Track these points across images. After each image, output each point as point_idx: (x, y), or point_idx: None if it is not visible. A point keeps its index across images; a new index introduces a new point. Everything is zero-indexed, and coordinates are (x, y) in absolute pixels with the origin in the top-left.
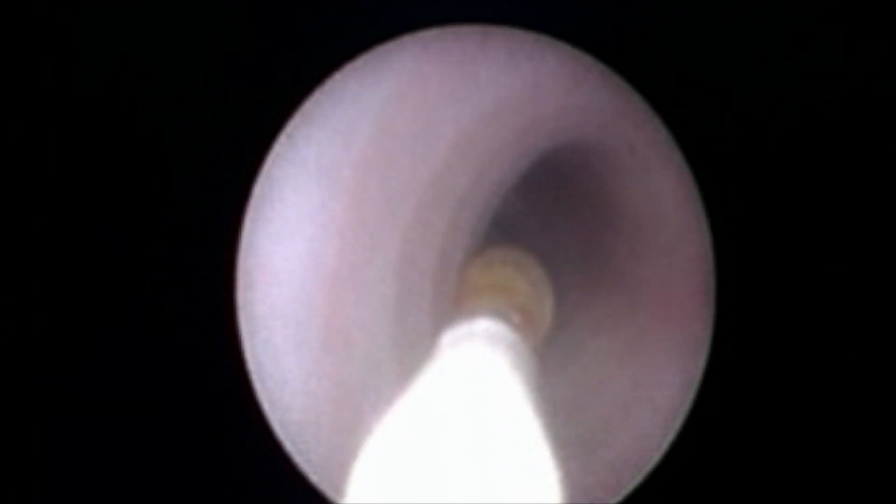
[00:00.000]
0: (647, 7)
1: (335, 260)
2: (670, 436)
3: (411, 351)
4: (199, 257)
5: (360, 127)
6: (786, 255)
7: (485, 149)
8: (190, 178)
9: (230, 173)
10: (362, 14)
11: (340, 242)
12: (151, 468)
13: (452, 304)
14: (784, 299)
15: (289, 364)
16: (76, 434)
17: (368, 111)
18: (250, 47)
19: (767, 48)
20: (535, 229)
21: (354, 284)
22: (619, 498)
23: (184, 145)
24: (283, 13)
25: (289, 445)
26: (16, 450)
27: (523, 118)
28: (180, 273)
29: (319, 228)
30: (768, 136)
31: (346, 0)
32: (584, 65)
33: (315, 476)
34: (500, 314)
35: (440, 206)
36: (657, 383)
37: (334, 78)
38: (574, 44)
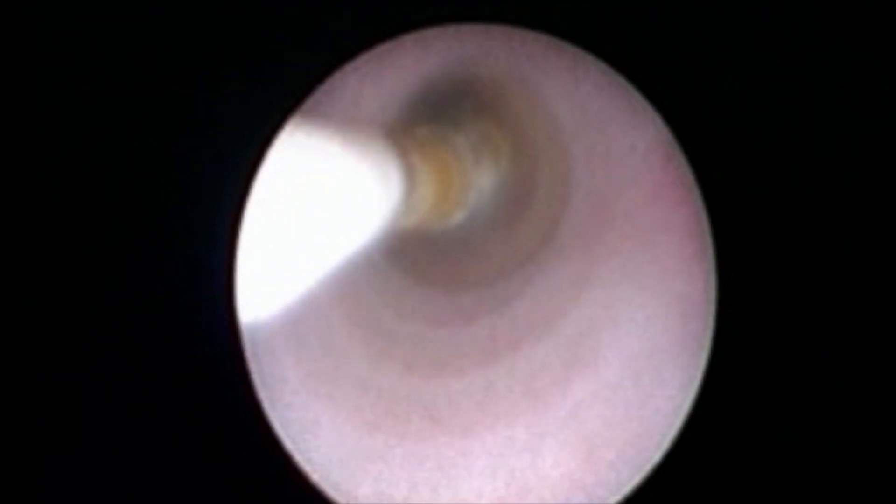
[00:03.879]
0: (648, 6)
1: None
2: (671, 434)
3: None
4: (199, 257)
5: (359, 126)
6: (785, 252)
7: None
8: (190, 177)
9: (230, 173)
10: (362, 14)
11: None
12: (152, 467)
13: None
14: (785, 297)
15: (289, 364)
16: (76, 433)
17: (368, 111)
18: (251, 47)
19: (768, 46)
20: None
21: (353, 283)
22: (620, 497)
23: (184, 145)
24: (284, 13)
25: (289, 445)
26: (16, 450)
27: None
28: (180, 273)
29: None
30: (768, 134)
31: (345, 0)
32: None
33: (315, 476)
34: None
35: None
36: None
37: (334, 78)
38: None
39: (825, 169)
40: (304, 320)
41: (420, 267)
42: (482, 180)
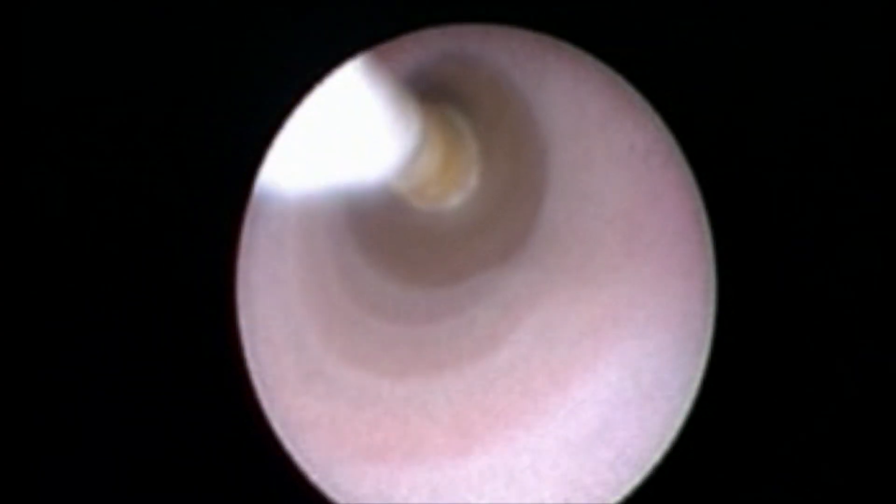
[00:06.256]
0: (648, 6)
1: (334, 259)
2: (671, 435)
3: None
4: (198, 257)
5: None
6: (785, 252)
7: None
8: (190, 177)
9: (230, 173)
10: (362, 14)
11: (339, 242)
12: (151, 468)
13: None
14: (785, 297)
15: (289, 364)
16: (76, 433)
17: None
18: (251, 47)
19: (768, 46)
20: None
21: (353, 283)
22: (619, 497)
23: (184, 145)
24: (284, 13)
25: (289, 445)
26: (16, 450)
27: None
28: (180, 273)
29: (318, 228)
30: (768, 134)
31: (345, 0)
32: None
33: (315, 476)
34: None
35: None
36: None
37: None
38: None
39: (825, 169)
40: (304, 320)
41: (401, 263)
42: (484, 167)
